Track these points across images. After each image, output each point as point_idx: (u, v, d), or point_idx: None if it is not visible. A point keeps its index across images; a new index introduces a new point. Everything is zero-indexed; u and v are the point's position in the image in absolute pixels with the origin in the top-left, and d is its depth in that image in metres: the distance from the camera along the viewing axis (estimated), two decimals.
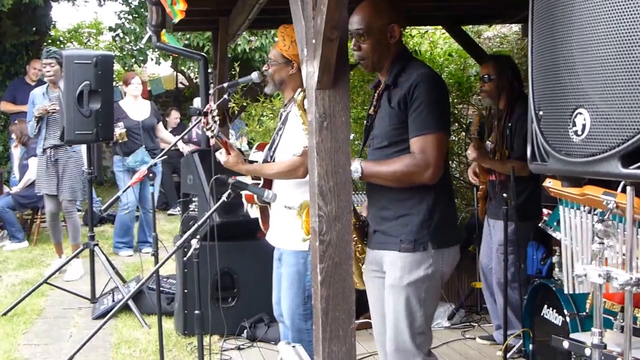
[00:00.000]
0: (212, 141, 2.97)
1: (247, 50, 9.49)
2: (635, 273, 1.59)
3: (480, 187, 3.91)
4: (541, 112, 1.43)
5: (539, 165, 1.46)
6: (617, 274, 1.61)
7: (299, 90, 2.57)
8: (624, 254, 2.07)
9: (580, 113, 1.29)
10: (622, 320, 2.42)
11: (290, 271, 2.98)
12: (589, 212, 2.46)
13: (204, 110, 2.82)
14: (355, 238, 2.49)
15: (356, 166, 2.32)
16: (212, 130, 2.78)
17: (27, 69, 8.09)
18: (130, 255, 6.45)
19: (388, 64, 2.41)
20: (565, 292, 2.68)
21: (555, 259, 3.34)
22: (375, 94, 2.51)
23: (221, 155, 2.96)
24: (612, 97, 1.21)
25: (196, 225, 2.81)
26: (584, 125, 1.29)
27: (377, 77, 2.60)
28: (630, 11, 1.15)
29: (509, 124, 3.68)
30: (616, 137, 1.20)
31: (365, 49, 2.38)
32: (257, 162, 3.15)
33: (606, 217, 1.70)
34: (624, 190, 1.57)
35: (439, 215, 2.34)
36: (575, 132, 1.30)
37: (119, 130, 6.21)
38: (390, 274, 2.37)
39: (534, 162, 1.48)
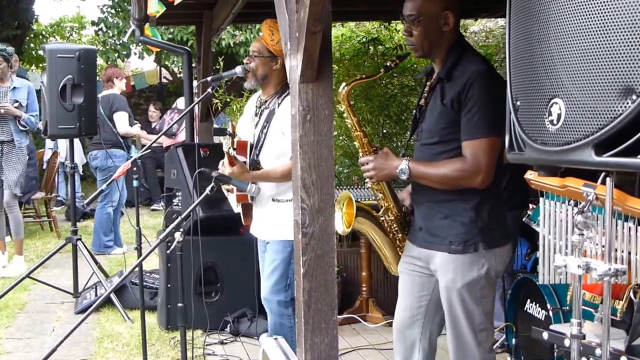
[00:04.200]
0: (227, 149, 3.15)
1: (232, 45, 9.44)
2: (614, 264, 1.61)
3: None
4: (518, 103, 1.45)
5: (516, 155, 1.49)
6: (596, 265, 1.63)
7: (343, 84, 2.45)
8: (603, 245, 2.10)
9: (556, 102, 1.31)
10: (602, 312, 2.45)
11: (275, 258, 2.99)
12: (574, 206, 2.47)
13: (230, 131, 3.14)
14: (396, 228, 2.47)
15: (404, 167, 2.26)
16: (229, 148, 3.08)
17: None
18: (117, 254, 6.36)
19: (442, 53, 2.32)
20: (539, 282, 2.70)
21: (539, 254, 3.34)
22: (427, 85, 2.43)
23: (224, 167, 2.95)
24: (587, 86, 1.22)
25: (180, 218, 2.79)
26: (559, 115, 1.30)
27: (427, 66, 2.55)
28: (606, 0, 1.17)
29: None
30: (590, 125, 1.22)
31: (417, 35, 2.30)
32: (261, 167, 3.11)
33: (586, 208, 1.72)
34: (604, 182, 1.59)
35: (487, 215, 2.28)
36: (551, 122, 1.32)
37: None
38: (442, 276, 2.31)
39: (511, 152, 1.50)
